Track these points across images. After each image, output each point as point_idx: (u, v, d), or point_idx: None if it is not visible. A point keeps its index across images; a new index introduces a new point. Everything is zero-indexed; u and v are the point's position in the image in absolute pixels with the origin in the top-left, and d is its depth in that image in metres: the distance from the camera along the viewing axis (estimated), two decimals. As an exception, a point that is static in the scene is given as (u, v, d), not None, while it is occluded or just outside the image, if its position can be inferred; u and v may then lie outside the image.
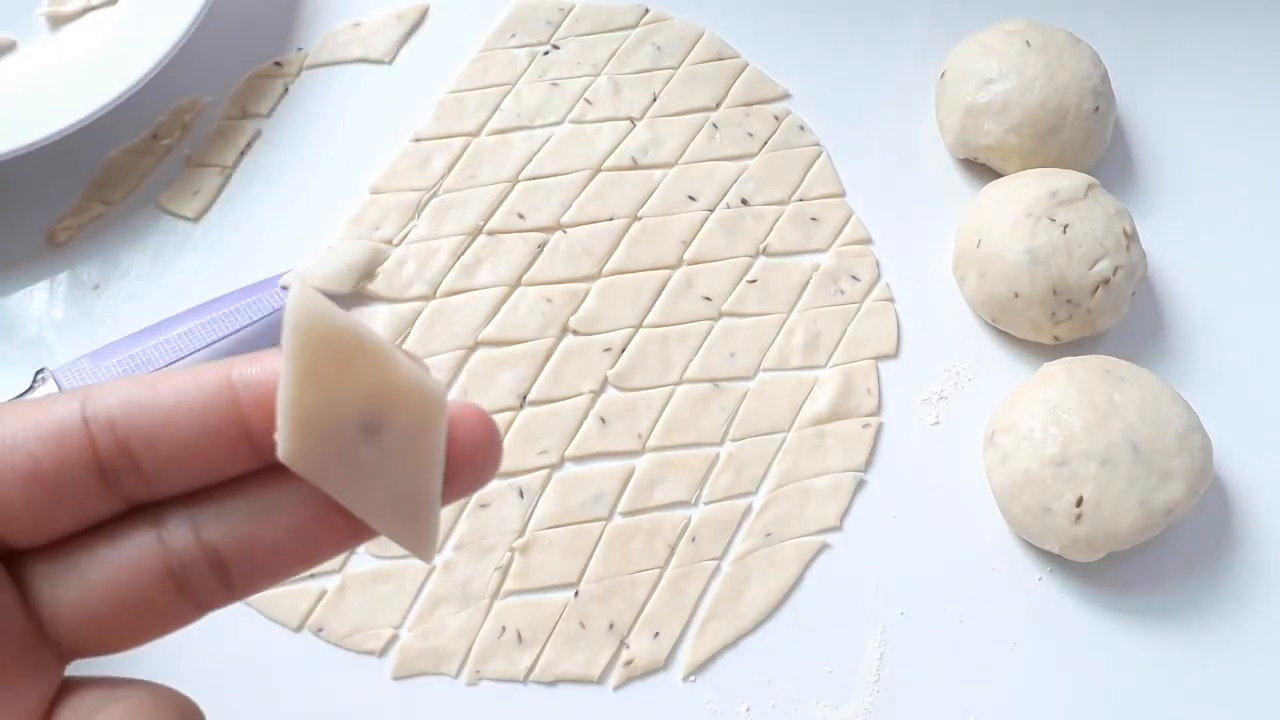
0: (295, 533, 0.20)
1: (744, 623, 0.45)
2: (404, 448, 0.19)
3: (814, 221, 0.54)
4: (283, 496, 0.20)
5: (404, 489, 0.20)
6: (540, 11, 0.59)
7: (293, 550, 0.20)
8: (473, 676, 0.44)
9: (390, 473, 0.19)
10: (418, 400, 0.19)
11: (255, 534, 0.20)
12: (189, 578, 0.20)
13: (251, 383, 0.19)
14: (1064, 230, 0.48)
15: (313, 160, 0.55)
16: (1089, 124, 0.52)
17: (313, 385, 0.19)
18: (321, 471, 0.19)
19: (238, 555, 0.20)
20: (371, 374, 0.19)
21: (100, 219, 0.53)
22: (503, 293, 0.51)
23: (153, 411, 0.19)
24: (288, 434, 0.19)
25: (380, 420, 0.19)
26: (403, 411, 0.19)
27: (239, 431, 0.19)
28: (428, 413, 0.20)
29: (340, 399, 0.19)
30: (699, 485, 0.48)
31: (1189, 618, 0.46)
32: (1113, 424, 0.44)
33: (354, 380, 0.19)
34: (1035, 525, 0.45)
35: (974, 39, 0.55)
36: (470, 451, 0.20)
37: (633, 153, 0.55)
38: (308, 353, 0.19)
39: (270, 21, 0.59)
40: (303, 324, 0.19)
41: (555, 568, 0.46)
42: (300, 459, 0.19)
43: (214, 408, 0.19)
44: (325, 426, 0.19)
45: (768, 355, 0.51)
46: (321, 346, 0.19)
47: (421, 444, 0.20)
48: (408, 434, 0.19)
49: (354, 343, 0.19)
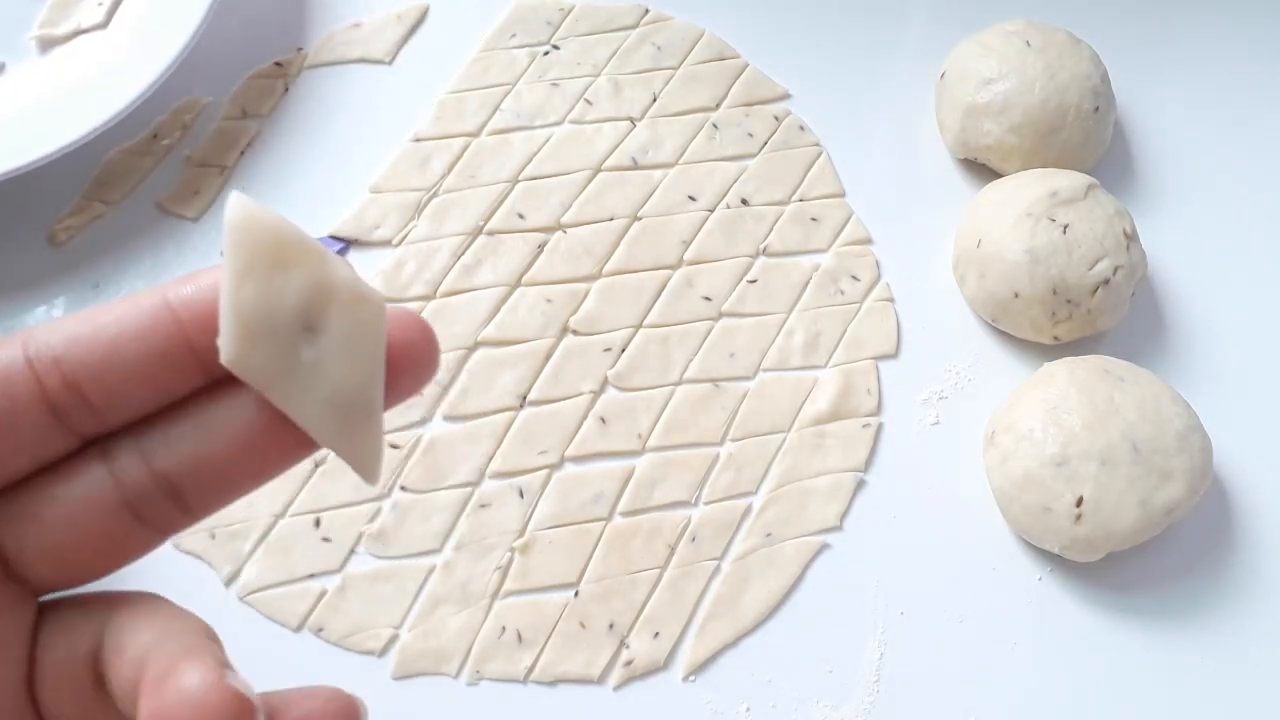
0: (242, 450, 0.20)
1: (744, 623, 0.45)
2: (344, 348, 0.20)
3: (814, 221, 0.54)
4: (228, 414, 0.20)
5: (345, 393, 0.20)
6: (540, 11, 0.59)
7: (241, 468, 0.20)
8: (473, 676, 0.44)
9: (331, 374, 0.20)
10: (357, 301, 0.20)
11: (204, 456, 0.20)
12: (145, 507, 0.20)
13: (189, 300, 0.20)
14: (1064, 230, 0.48)
15: (313, 160, 0.55)
16: (1089, 124, 0.52)
17: (252, 284, 0.19)
18: (263, 373, 0.19)
19: (189, 479, 0.20)
20: (311, 274, 0.19)
21: (100, 219, 0.53)
22: (503, 293, 0.51)
23: (96, 344, 0.19)
24: (230, 335, 0.19)
25: (320, 320, 0.19)
26: (342, 312, 0.20)
27: (183, 351, 0.20)
28: (367, 314, 0.20)
29: (280, 297, 0.19)
30: (699, 485, 0.48)
31: (1189, 618, 0.46)
32: (1113, 424, 0.44)
33: (293, 280, 0.19)
34: (1035, 525, 0.45)
35: (974, 39, 0.55)
36: (408, 353, 0.20)
37: (633, 153, 0.55)
38: (247, 252, 0.19)
39: (270, 22, 0.59)
40: (241, 224, 0.19)
41: (555, 568, 0.46)
42: (242, 360, 0.19)
43: (156, 330, 0.20)
44: (265, 325, 0.19)
45: (768, 355, 0.51)
46: (260, 246, 0.19)
47: (362, 345, 0.20)
48: (348, 335, 0.20)
49: (293, 243, 0.19)
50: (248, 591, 0.45)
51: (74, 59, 0.55)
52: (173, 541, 0.46)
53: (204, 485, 0.20)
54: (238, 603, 0.45)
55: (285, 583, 0.45)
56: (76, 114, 0.51)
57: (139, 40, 0.54)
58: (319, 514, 0.46)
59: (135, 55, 0.53)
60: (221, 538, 0.46)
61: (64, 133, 0.50)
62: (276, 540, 0.46)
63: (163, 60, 0.52)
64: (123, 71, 0.52)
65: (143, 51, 0.53)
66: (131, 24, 0.55)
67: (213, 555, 0.45)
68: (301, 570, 0.45)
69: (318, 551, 0.46)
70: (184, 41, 0.52)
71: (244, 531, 0.46)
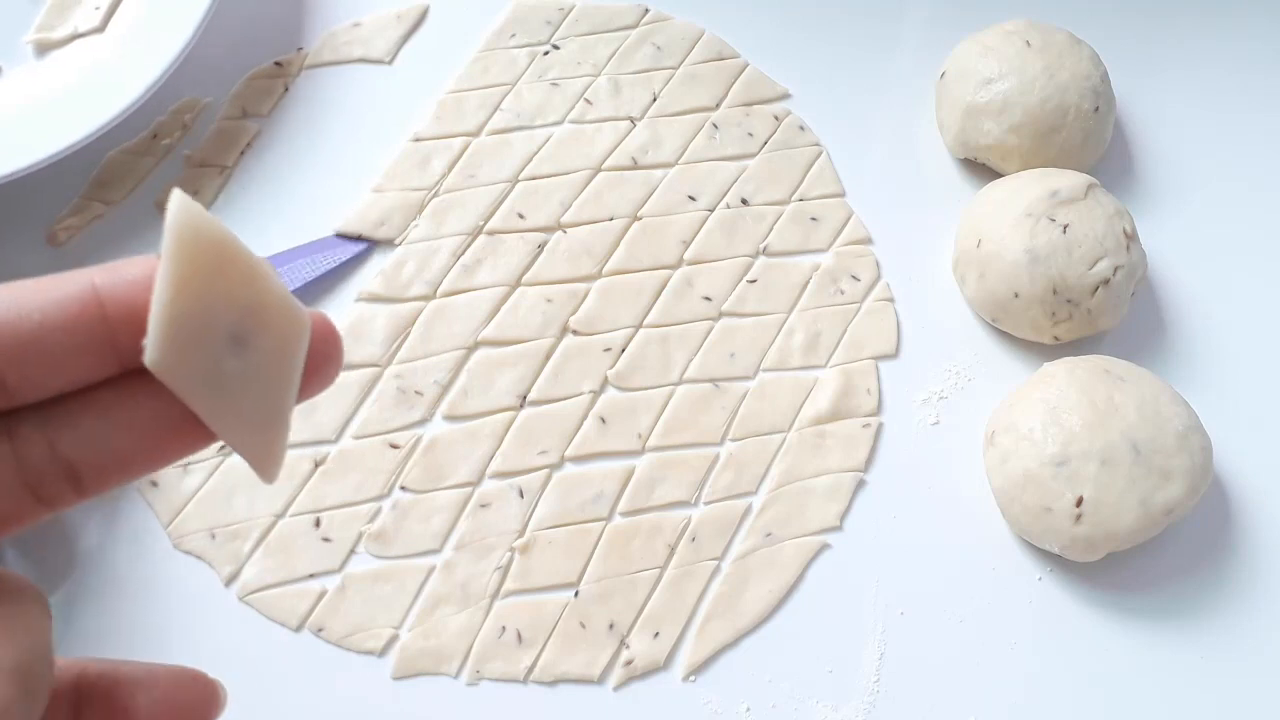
0: (147, 443, 0.21)
1: (744, 623, 0.45)
2: (267, 363, 0.20)
3: (814, 221, 0.54)
4: (139, 407, 0.20)
5: (260, 404, 0.20)
6: (540, 11, 0.59)
7: (144, 457, 0.21)
8: (473, 676, 0.44)
9: (250, 386, 0.20)
10: (286, 318, 0.20)
11: (109, 446, 0.20)
12: (41, 485, 0.20)
13: (119, 296, 0.20)
14: (1064, 230, 0.48)
15: (313, 160, 0.55)
16: (1089, 124, 0.52)
17: (188, 293, 0.19)
18: (185, 380, 0.19)
19: (90, 465, 0.20)
20: (245, 288, 0.20)
21: (100, 219, 0.53)
22: (503, 293, 0.51)
23: (20, 329, 0.19)
24: (157, 339, 0.19)
25: (248, 334, 0.20)
26: (270, 327, 0.20)
27: (104, 343, 0.20)
28: (293, 331, 0.20)
29: (213, 309, 0.19)
30: (699, 485, 0.48)
31: (1189, 618, 0.46)
32: (1113, 424, 0.44)
33: (228, 292, 0.19)
34: (1035, 525, 0.45)
35: (974, 39, 0.55)
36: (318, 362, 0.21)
37: (633, 153, 0.55)
38: (187, 260, 0.19)
39: (270, 22, 0.59)
40: (184, 230, 0.19)
41: (555, 568, 0.46)
42: (166, 366, 0.19)
43: (80, 323, 0.20)
44: (194, 334, 0.19)
45: (768, 355, 0.51)
46: (200, 255, 0.19)
47: (283, 361, 0.20)
48: (272, 350, 0.20)
49: (232, 255, 0.19)
50: (248, 591, 0.45)
51: (71, 63, 0.54)
52: (173, 541, 0.46)
53: (104, 471, 0.21)
54: (238, 603, 0.45)
55: (285, 583, 0.45)
56: (74, 118, 0.50)
57: (136, 43, 0.54)
58: (319, 514, 0.46)
59: (133, 59, 0.53)
60: (221, 538, 0.46)
61: (61, 136, 0.49)
62: (276, 540, 0.46)
63: (160, 64, 0.52)
64: (120, 75, 0.52)
65: (141, 55, 0.53)
66: (129, 27, 0.55)
67: (213, 555, 0.45)
68: (301, 570, 0.45)
69: (318, 551, 0.46)
70: (181, 45, 0.52)
71: (244, 531, 0.46)
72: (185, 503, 0.46)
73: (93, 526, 0.46)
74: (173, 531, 0.46)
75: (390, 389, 0.49)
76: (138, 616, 0.44)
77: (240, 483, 0.47)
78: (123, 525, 0.46)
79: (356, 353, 0.50)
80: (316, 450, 0.48)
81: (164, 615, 0.44)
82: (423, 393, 0.49)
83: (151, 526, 0.46)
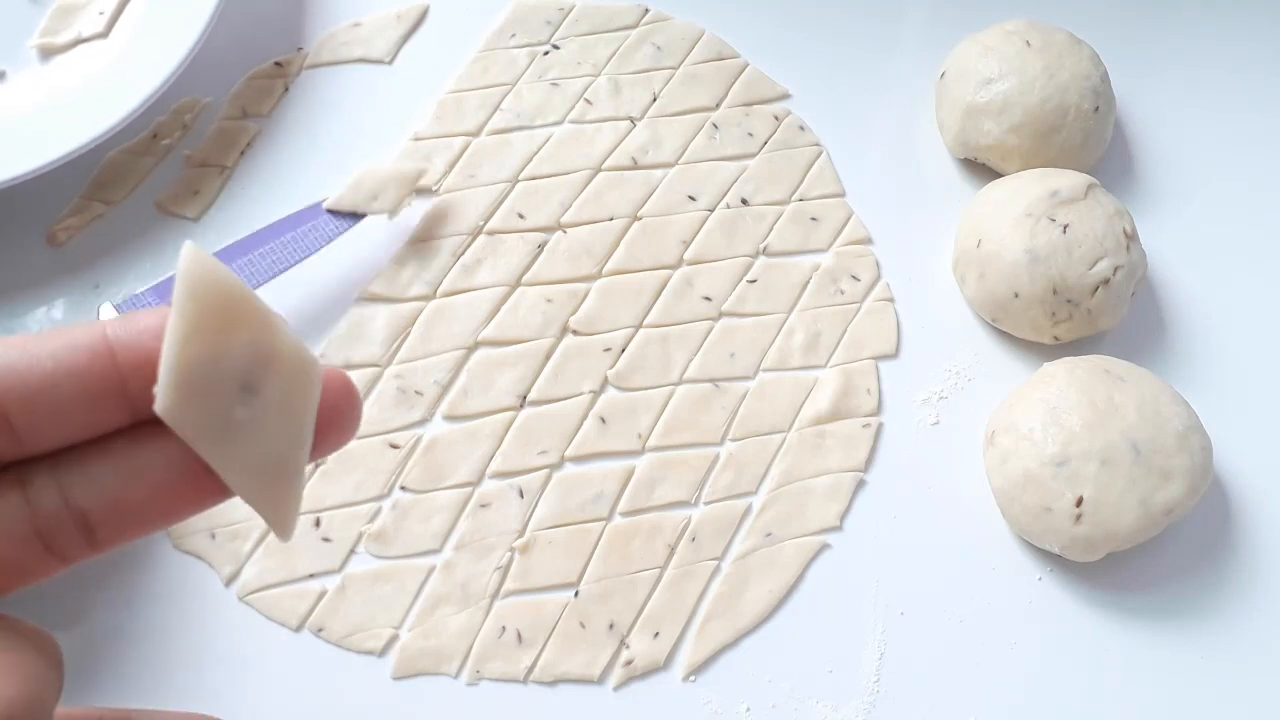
0: (161, 495, 0.21)
1: (744, 623, 0.45)
2: (277, 412, 0.20)
3: (814, 221, 0.54)
4: (151, 456, 0.20)
5: (272, 454, 0.20)
6: (540, 11, 0.59)
7: (158, 511, 0.21)
8: (473, 676, 0.44)
9: (261, 435, 0.20)
10: (296, 367, 0.20)
11: (123, 497, 0.20)
12: (55, 537, 0.20)
13: (131, 344, 0.20)
14: (1064, 230, 0.48)
15: (313, 160, 0.55)
16: (1089, 124, 0.52)
17: (198, 340, 0.19)
18: (195, 428, 0.20)
19: (105, 517, 0.20)
20: (255, 336, 0.20)
21: (100, 219, 0.53)
22: (503, 293, 0.51)
23: (30, 376, 0.20)
24: (168, 387, 0.19)
25: (258, 382, 0.20)
26: (280, 376, 0.20)
27: (116, 392, 0.20)
28: (304, 380, 0.20)
29: (223, 356, 0.20)
30: (699, 485, 0.48)
31: (1189, 618, 0.46)
32: (1113, 424, 0.44)
33: (238, 340, 0.20)
34: (1035, 525, 0.45)
35: (974, 39, 0.55)
36: (334, 417, 0.21)
37: (633, 153, 0.55)
38: (197, 308, 0.19)
39: (270, 22, 0.59)
40: (195, 280, 0.19)
41: (555, 568, 0.46)
42: (177, 413, 0.19)
43: (93, 370, 0.20)
44: (205, 382, 0.19)
45: (768, 355, 0.51)
46: (211, 303, 0.19)
47: (294, 410, 0.20)
48: (283, 399, 0.20)
49: (241, 304, 0.20)
50: (248, 591, 0.45)
51: (75, 68, 0.54)
52: (173, 541, 0.46)
53: (118, 523, 0.21)
54: (238, 603, 0.45)
55: (285, 583, 0.45)
56: (77, 123, 0.50)
57: (140, 49, 0.54)
58: (319, 514, 0.46)
59: (136, 64, 0.53)
60: (221, 538, 0.46)
61: (64, 142, 0.49)
62: (276, 540, 0.46)
63: (163, 70, 0.52)
64: (124, 81, 0.52)
65: (143, 60, 0.53)
66: (133, 33, 0.55)
67: (213, 555, 0.45)
68: (301, 570, 0.45)
69: (318, 551, 0.46)
70: (185, 51, 0.52)
71: (244, 531, 0.46)
72: (185, 503, 0.46)
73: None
74: (173, 531, 0.46)
75: (390, 389, 0.49)
76: (138, 616, 0.44)
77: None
78: (123, 525, 0.46)
79: (357, 353, 0.50)
80: (316, 450, 0.48)
81: (164, 615, 0.44)
82: (423, 393, 0.49)
83: (151, 526, 0.46)
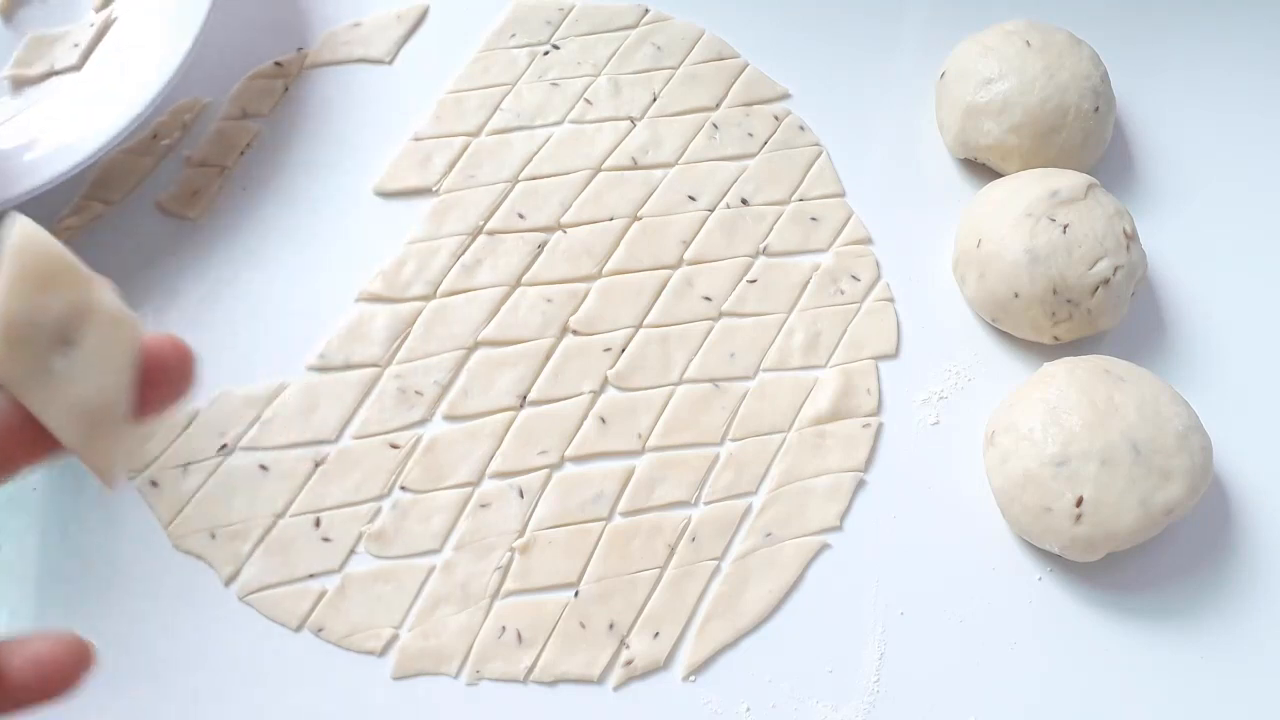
0: None
1: (744, 623, 0.45)
2: (94, 363, 0.22)
3: (814, 221, 0.54)
4: None
5: (90, 402, 0.22)
6: (540, 11, 0.59)
7: None
8: (473, 676, 0.44)
9: (78, 384, 0.22)
10: (113, 323, 0.23)
11: None
12: None
13: None
14: (1064, 230, 0.48)
15: (313, 160, 0.55)
16: (1089, 124, 0.52)
17: (19, 297, 0.21)
18: (17, 376, 0.22)
19: None
20: (74, 295, 0.22)
21: (100, 219, 0.53)
22: (503, 293, 0.51)
23: None
24: None
25: (76, 335, 0.22)
26: (96, 330, 0.22)
27: None
28: (121, 335, 0.23)
29: (42, 311, 0.22)
30: (699, 485, 0.48)
31: (1189, 618, 0.46)
32: (1112, 424, 0.44)
33: (57, 297, 0.22)
34: (1035, 525, 0.45)
35: (974, 39, 0.55)
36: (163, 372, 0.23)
37: (633, 153, 0.55)
38: (19, 268, 0.21)
39: (270, 22, 0.59)
40: (19, 243, 0.22)
41: (555, 568, 0.46)
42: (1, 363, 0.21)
43: None
44: (25, 334, 0.22)
45: (768, 355, 0.51)
46: (32, 264, 0.22)
47: (110, 361, 0.22)
48: (99, 351, 0.22)
49: (62, 265, 0.22)
50: (247, 591, 0.45)
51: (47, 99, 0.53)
52: (173, 541, 0.46)
53: None
54: (237, 603, 0.45)
55: (285, 583, 0.45)
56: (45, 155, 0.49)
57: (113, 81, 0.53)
58: (319, 514, 0.46)
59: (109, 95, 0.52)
60: (221, 538, 0.46)
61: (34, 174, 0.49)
62: (276, 540, 0.46)
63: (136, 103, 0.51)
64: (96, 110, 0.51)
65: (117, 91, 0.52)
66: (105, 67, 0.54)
67: (212, 555, 0.45)
68: (301, 570, 0.45)
69: (318, 551, 0.46)
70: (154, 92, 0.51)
71: (244, 531, 0.46)
72: (185, 503, 0.46)
73: (93, 526, 0.46)
74: (173, 531, 0.46)
75: (390, 389, 0.49)
76: (138, 616, 0.44)
77: (240, 483, 0.47)
78: (123, 525, 0.46)
79: (357, 353, 0.50)
80: (316, 450, 0.48)
81: (164, 615, 0.44)
82: (423, 393, 0.49)
83: (151, 526, 0.46)
